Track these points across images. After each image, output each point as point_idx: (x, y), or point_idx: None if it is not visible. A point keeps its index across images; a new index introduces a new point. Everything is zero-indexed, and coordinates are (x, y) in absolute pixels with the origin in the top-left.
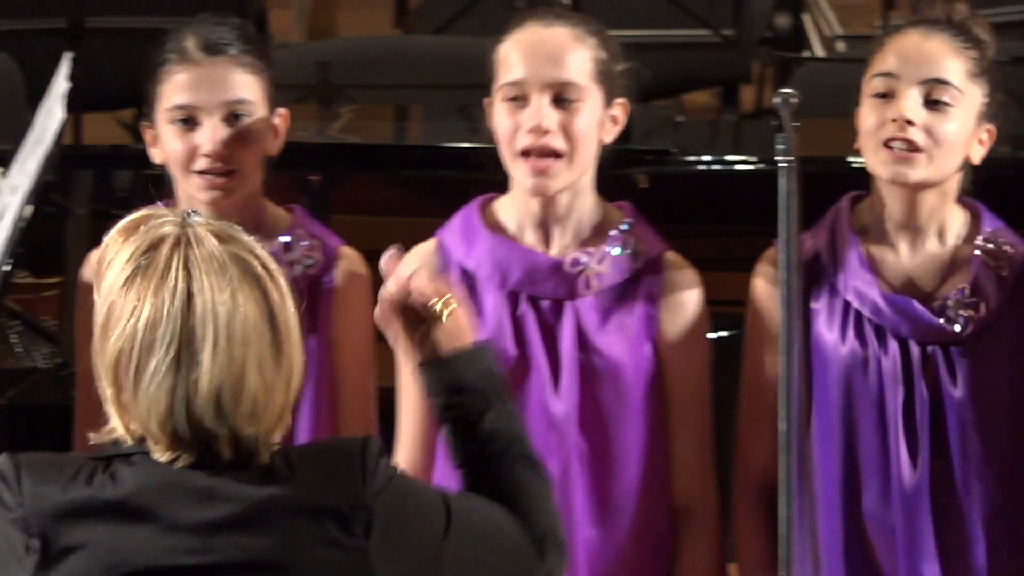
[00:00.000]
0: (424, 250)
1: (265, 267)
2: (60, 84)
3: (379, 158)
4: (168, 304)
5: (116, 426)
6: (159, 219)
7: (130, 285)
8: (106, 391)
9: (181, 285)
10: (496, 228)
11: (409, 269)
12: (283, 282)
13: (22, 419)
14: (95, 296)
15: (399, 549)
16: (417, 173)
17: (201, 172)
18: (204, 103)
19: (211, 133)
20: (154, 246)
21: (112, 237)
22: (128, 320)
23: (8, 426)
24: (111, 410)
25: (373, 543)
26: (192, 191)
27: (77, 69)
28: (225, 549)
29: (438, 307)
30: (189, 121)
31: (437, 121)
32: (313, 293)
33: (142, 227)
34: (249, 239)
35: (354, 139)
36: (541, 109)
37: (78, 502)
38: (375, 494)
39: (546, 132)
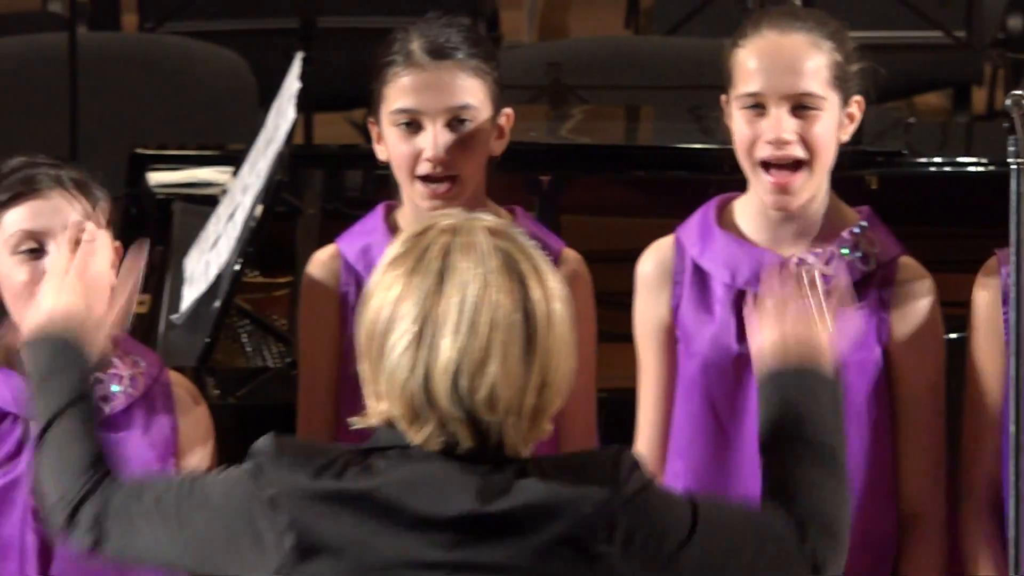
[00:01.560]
0: (662, 246)
1: (534, 267)
2: (292, 84)
3: (609, 159)
4: (419, 282)
5: (370, 407)
6: (445, 214)
7: (392, 265)
8: (363, 369)
9: (436, 265)
10: (730, 227)
11: (646, 267)
12: (553, 286)
13: (253, 418)
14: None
15: (642, 558)
16: (647, 174)
17: (423, 178)
18: (428, 108)
19: (434, 138)
20: (424, 232)
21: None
22: (381, 296)
23: (239, 425)
24: (366, 390)
25: (616, 550)
26: (414, 197)
27: (309, 69)
28: (471, 548)
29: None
30: (412, 124)
31: (667, 121)
32: None
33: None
34: (527, 241)
35: (584, 140)
36: (781, 121)
37: (327, 491)
38: (624, 503)
39: (786, 143)
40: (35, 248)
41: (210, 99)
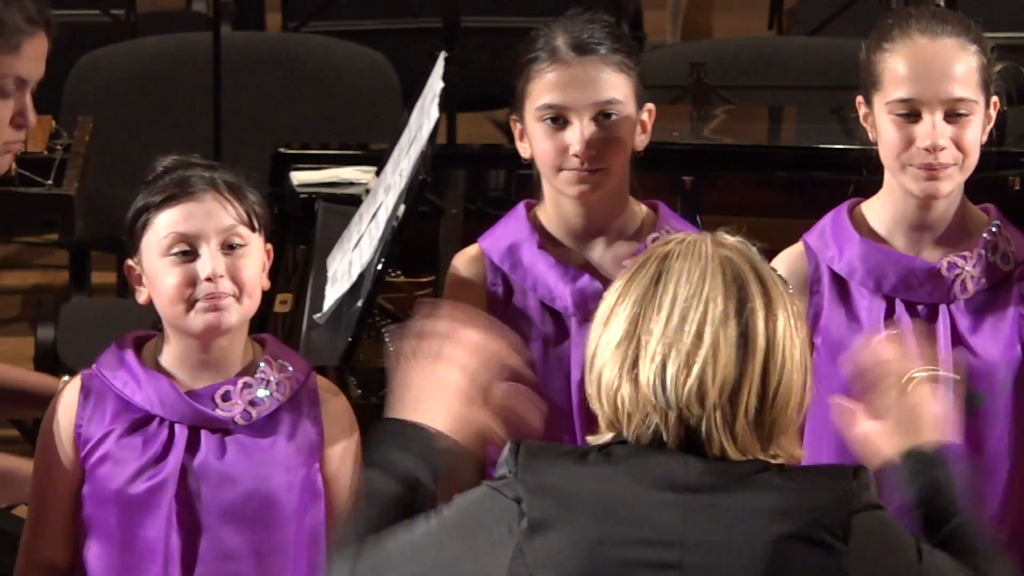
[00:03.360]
0: (792, 255)
1: (759, 277)
2: (435, 84)
3: (751, 159)
4: (637, 282)
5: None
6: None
7: (621, 278)
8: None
9: (653, 269)
10: (866, 231)
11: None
12: (780, 298)
13: None
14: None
15: (873, 571)
16: (790, 174)
17: (569, 170)
18: (575, 103)
19: (581, 133)
20: (652, 247)
21: None
22: (603, 305)
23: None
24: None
25: (851, 552)
26: (560, 186)
27: (451, 69)
28: (694, 546)
29: (918, 377)
30: (558, 120)
31: (810, 122)
32: None
33: None
34: (755, 253)
35: (727, 140)
36: (935, 127)
37: (562, 478)
38: (854, 512)
39: (941, 149)
40: (187, 251)
41: (353, 99)
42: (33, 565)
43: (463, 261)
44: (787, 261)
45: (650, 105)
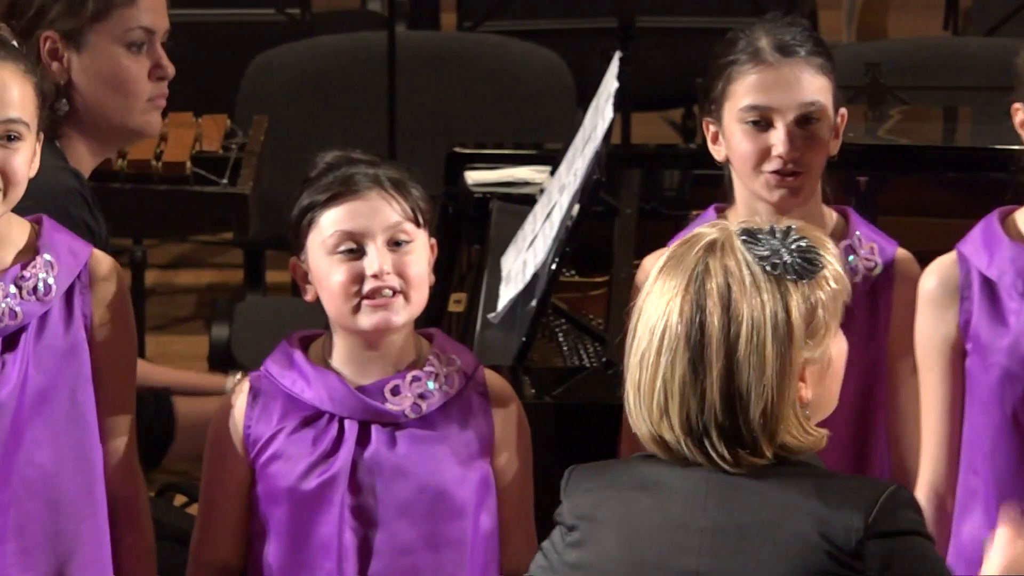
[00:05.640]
0: (945, 263)
1: (726, 270)
2: (610, 83)
3: (927, 160)
4: (671, 283)
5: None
6: (711, 226)
7: (657, 270)
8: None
9: (691, 266)
10: (1017, 237)
11: (930, 283)
12: (747, 291)
13: (569, 417)
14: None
15: None
16: (965, 175)
17: (772, 172)
18: (780, 105)
19: (786, 135)
20: (688, 241)
21: None
22: (639, 299)
23: (556, 423)
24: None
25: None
26: (759, 190)
27: (627, 69)
28: (722, 552)
29: None
30: (760, 122)
31: (986, 123)
32: (873, 295)
33: None
34: (737, 244)
35: (902, 140)
36: None
37: (602, 485)
38: (875, 535)
39: None
40: (353, 248)
41: (528, 98)
42: (203, 567)
43: (648, 265)
44: (940, 268)
45: (843, 111)
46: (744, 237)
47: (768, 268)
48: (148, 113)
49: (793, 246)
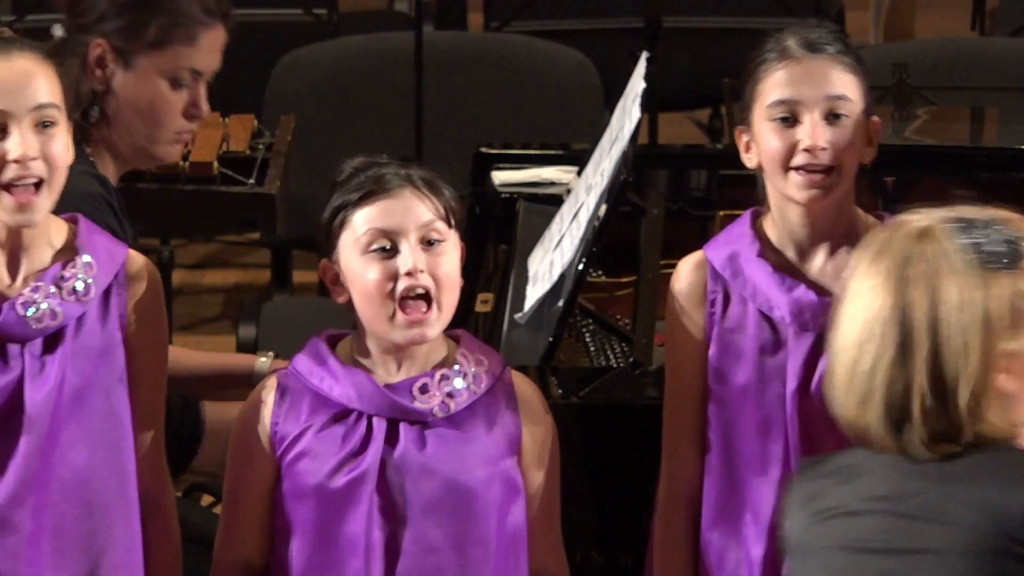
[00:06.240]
0: None
1: (924, 256)
2: (637, 84)
3: (954, 160)
4: (875, 271)
5: None
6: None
7: (861, 260)
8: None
9: (894, 256)
10: None
11: None
12: (951, 275)
13: (595, 418)
14: None
15: None
16: (992, 175)
17: (799, 168)
18: (806, 97)
19: (812, 128)
20: (892, 228)
21: None
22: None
23: (582, 424)
24: None
25: None
26: (789, 190)
27: (653, 69)
28: (903, 536)
29: None
30: (788, 119)
31: (1013, 123)
32: None
33: None
34: (940, 230)
35: (929, 141)
36: None
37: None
38: None
39: None
40: (387, 247)
41: (555, 98)
42: (227, 566)
43: (686, 268)
44: None
45: (876, 119)
46: (952, 224)
47: (975, 256)
48: (171, 145)
49: (1001, 236)
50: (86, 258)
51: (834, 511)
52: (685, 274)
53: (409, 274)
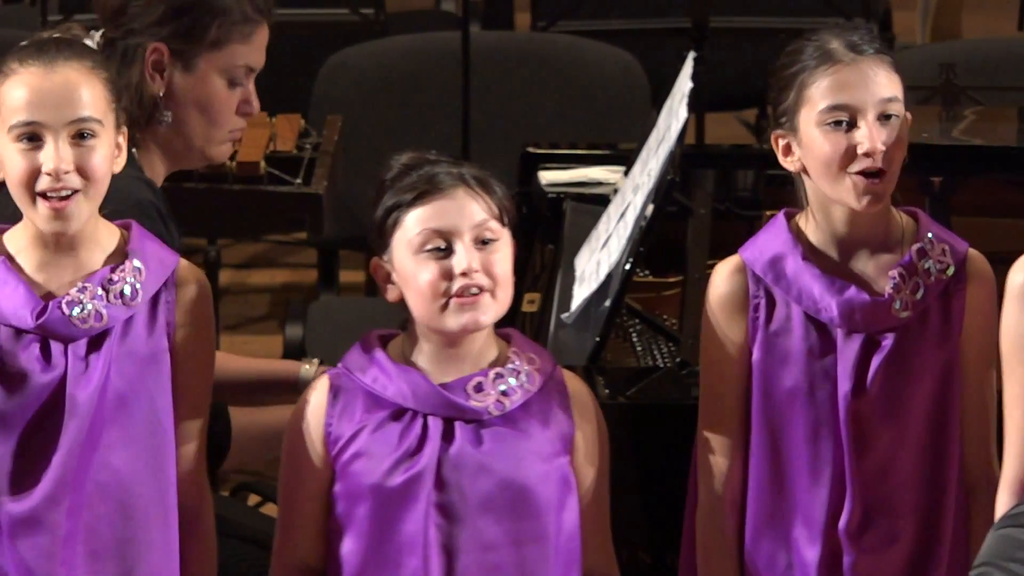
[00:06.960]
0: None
1: None
2: (684, 84)
3: (1001, 160)
4: None
5: None
6: None
7: None
8: None
9: None
10: None
11: (1019, 278)
12: None
13: (642, 417)
14: None
15: None
16: None
17: (859, 173)
18: (862, 101)
19: (870, 131)
20: None
21: None
22: None
23: (630, 423)
24: None
25: None
26: (845, 195)
27: (701, 69)
28: None
29: None
30: (844, 123)
31: None
32: (946, 297)
33: None
34: None
35: (976, 141)
36: None
37: None
38: None
39: None
40: (441, 247)
41: (602, 98)
42: (287, 568)
43: (725, 273)
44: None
45: (908, 114)
46: None
47: None
48: (224, 144)
49: None
50: (136, 263)
51: None
52: (723, 280)
53: (464, 274)
